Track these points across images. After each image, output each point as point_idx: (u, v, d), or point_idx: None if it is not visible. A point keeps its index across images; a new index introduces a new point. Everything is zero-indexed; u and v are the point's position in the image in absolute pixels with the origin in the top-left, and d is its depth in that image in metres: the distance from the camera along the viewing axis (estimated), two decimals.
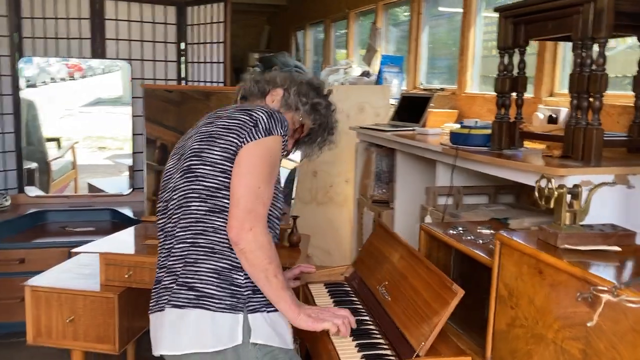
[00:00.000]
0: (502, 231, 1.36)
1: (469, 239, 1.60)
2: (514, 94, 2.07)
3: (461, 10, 3.39)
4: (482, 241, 1.56)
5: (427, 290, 1.45)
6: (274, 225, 1.60)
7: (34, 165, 3.89)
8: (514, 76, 2.05)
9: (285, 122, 1.53)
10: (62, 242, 3.10)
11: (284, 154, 1.58)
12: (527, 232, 1.40)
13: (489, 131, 2.13)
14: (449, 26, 3.94)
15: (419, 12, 4.06)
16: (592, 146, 1.68)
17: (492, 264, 1.36)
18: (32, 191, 3.78)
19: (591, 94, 1.69)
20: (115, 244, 2.48)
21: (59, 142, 4.01)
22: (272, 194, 1.50)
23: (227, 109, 1.58)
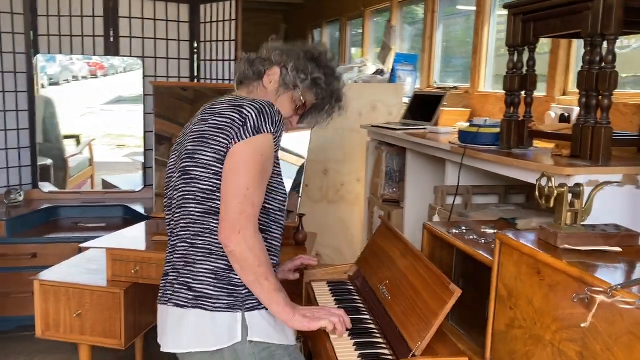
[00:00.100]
0: (503, 231, 1.34)
1: (472, 238, 1.58)
2: (523, 93, 2.04)
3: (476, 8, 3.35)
4: (484, 241, 1.54)
5: (426, 289, 1.44)
6: (277, 217, 1.57)
7: (49, 161, 3.94)
8: (523, 74, 2.01)
9: (276, 117, 1.47)
10: (74, 238, 3.13)
11: (277, 143, 1.50)
12: (528, 231, 1.37)
13: (498, 130, 2.10)
14: (465, 24, 3.90)
15: (433, 11, 4.02)
16: (600, 145, 1.64)
17: (492, 264, 1.34)
18: (46, 187, 3.83)
19: (600, 92, 1.65)
20: (122, 239, 2.51)
21: (78, 139, 4.06)
22: (264, 193, 1.47)
23: (222, 102, 1.52)
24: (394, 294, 1.59)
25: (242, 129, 1.42)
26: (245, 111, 1.45)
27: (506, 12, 2.02)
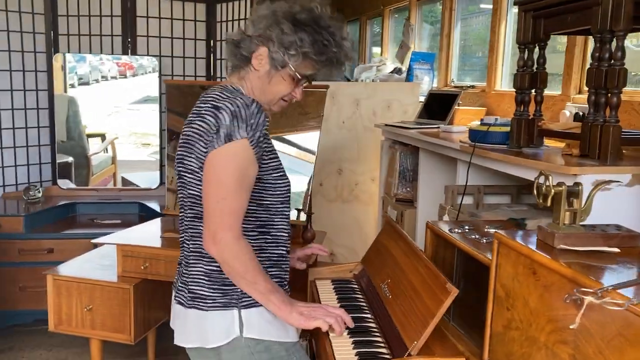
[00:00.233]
0: (503, 231, 1.32)
1: (474, 237, 1.55)
2: (533, 91, 2.00)
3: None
4: (485, 240, 1.51)
5: (425, 288, 1.42)
6: (279, 210, 1.54)
7: (70, 159, 4.01)
8: (534, 72, 1.98)
9: (252, 119, 1.38)
10: (90, 234, 3.18)
11: (257, 144, 1.40)
12: (528, 231, 1.34)
13: (508, 129, 2.07)
14: (485, 22, 3.85)
15: (451, 9, 3.98)
16: (608, 144, 1.61)
17: (490, 264, 1.32)
18: (65, 184, 3.89)
19: (609, 90, 1.61)
20: (134, 236, 2.54)
21: (104, 137, 4.12)
22: (248, 197, 1.42)
23: (207, 99, 1.46)
24: (394, 292, 1.58)
25: (215, 136, 1.37)
26: (220, 115, 1.38)
27: None
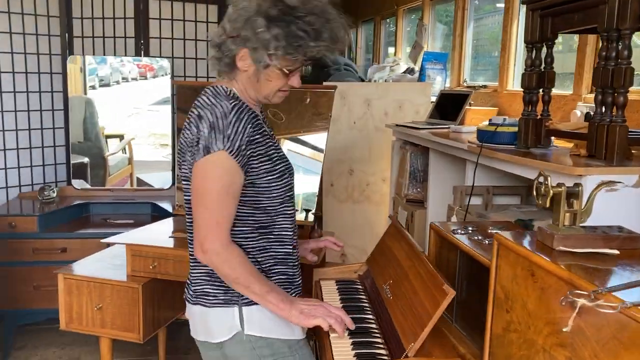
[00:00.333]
0: (502, 231, 1.30)
1: (477, 239, 1.54)
2: (541, 91, 1.98)
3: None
4: (488, 242, 1.50)
5: (424, 290, 1.41)
6: (280, 210, 1.52)
7: (85, 159, 4.06)
8: (541, 71, 1.95)
9: (230, 129, 1.35)
10: (102, 234, 3.21)
11: (239, 154, 1.38)
12: (529, 233, 1.32)
13: (516, 129, 2.05)
14: (499, 21, 3.81)
15: (463, 8, 3.95)
16: (615, 144, 1.58)
17: (490, 265, 1.30)
18: (80, 184, 3.94)
19: (615, 89, 1.59)
20: (143, 235, 2.56)
21: (122, 138, 4.17)
22: (235, 204, 1.42)
23: (197, 105, 1.44)
24: (395, 294, 1.57)
25: (195, 148, 1.39)
26: (200, 126, 1.38)
27: None
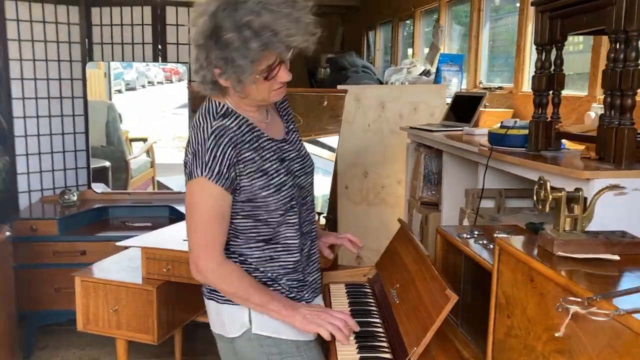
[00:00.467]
0: (502, 235, 1.30)
1: (482, 243, 1.54)
2: (551, 93, 1.96)
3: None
4: (493, 246, 1.49)
5: (428, 294, 1.41)
6: (283, 220, 1.51)
7: (107, 163, 4.13)
8: (551, 73, 1.94)
9: (208, 155, 1.37)
10: (120, 237, 3.25)
11: (220, 177, 1.40)
12: (532, 237, 1.32)
13: (527, 131, 2.04)
14: (516, 22, 3.78)
15: (479, 9, 3.93)
16: (623, 147, 1.56)
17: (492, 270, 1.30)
18: (100, 188, 4.01)
19: (623, 91, 1.57)
20: (157, 238, 2.59)
21: (146, 142, 4.23)
22: (227, 224, 1.45)
23: (194, 121, 1.48)
24: (401, 298, 1.57)
25: (185, 172, 1.46)
26: (188, 151, 1.44)
27: None
